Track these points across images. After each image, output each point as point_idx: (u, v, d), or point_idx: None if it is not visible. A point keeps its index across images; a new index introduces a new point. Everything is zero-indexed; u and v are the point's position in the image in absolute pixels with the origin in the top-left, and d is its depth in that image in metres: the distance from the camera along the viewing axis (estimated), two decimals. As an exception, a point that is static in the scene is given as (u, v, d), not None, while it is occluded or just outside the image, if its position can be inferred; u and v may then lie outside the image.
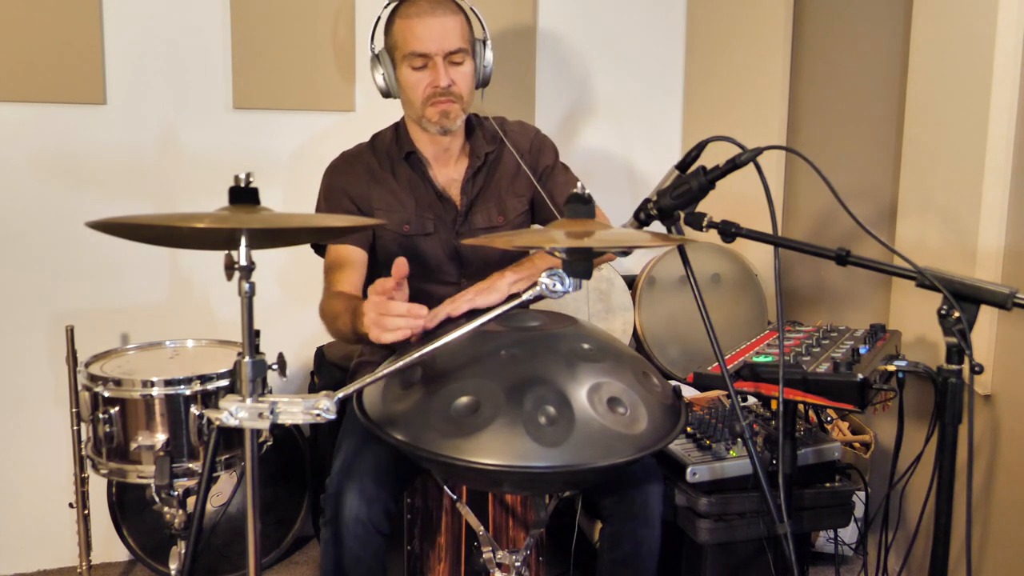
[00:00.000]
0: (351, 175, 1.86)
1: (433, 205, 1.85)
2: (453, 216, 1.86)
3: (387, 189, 1.84)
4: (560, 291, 1.16)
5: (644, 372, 1.40)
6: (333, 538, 1.54)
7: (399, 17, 1.75)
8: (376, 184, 1.85)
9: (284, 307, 2.56)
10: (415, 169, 1.86)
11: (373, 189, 1.84)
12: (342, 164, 1.89)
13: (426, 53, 1.72)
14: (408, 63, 1.74)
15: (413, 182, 1.85)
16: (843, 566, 2.35)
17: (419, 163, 1.86)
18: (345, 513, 1.52)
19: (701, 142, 1.43)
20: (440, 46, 1.72)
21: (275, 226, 1.14)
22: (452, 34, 1.73)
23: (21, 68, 2.26)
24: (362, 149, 1.91)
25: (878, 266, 1.34)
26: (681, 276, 2.53)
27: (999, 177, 1.84)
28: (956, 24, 1.96)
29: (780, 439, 1.48)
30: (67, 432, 2.22)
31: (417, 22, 1.72)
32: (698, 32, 2.85)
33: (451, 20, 1.73)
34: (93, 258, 2.39)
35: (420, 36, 1.71)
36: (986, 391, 1.90)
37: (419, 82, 1.75)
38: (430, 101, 1.75)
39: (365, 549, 1.53)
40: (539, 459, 1.20)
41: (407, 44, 1.73)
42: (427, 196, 1.85)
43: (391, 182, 1.85)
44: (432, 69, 1.73)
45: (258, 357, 1.12)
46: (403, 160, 1.85)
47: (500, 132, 1.90)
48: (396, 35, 1.76)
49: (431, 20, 1.71)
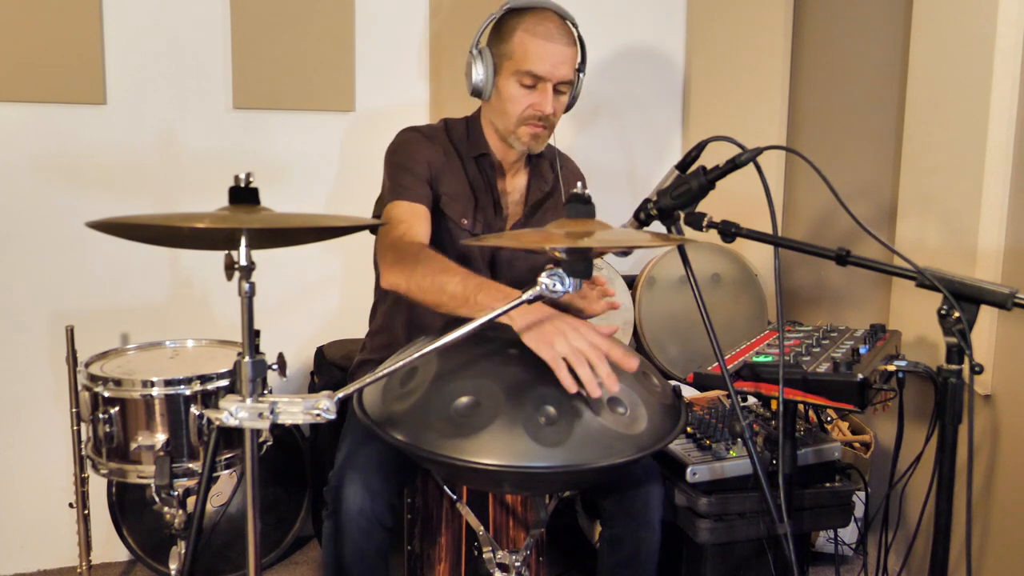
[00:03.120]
0: (432, 148, 1.81)
1: (487, 210, 1.83)
2: (501, 227, 1.85)
3: (458, 178, 1.81)
4: (560, 291, 1.16)
5: (644, 372, 1.40)
6: (335, 531, 1.53)
7: (523, 29, 1.70)
8: (449, 169, 1.81)
9: (284, 307, 2.56)
10: (483, 172, 1.83)
11: (445, 172, 1.81)
12: (418, 137, 1.82)
13: (543, 77, 1.70)
14: (518, 78, 1.71)
15: (477, 182, 1.83)
16: (843, 566, 2.35)
17: (489, 167, 1.83)
18: (349, 505, 1.51)
19: (701, 142, 1.43)
20: (555, 74, 1.70)
21: (275, 226, 1.14)
22: (569, 65, 1.72)
23: (21, 68, 2.26)
24: (436, 131, 1.86)
25: (878, 266, 1.34)
26: (681, 276, 2.53)
27: (999, 177, 1.84)
28: (956, 24, 1.96)
29: (780, 439, 1.48)
30: (67, 432, 2.22)
31: (544, 44, 1.69)
32: (698, 32, 2.85)
33: (571, 51, 1.72)
34: (93, 258, 2.39)
35: (543, 58, 1.69)
36: (986, 391, 1.90)
37: (523, 100, 1.73)
38: (527, 121, 1.74)
39: (369, 542, 1.52)
40: (539, 459, 1.20)
41: (526, 60, 1.69)
42: (486, 200, 1.83)
43: (462, 173, 1.82)
44: (541, 92, 1.71)
45: (258, 357, 1.12)
46: (473, 159, 1.83)
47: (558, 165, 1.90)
48: (515, 46, 1.71)
49: (557, 47, 1.69)
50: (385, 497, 1.54)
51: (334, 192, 2.58)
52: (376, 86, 2.58)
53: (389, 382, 1.35)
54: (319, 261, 2.61)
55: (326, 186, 2.58)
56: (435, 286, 1.48)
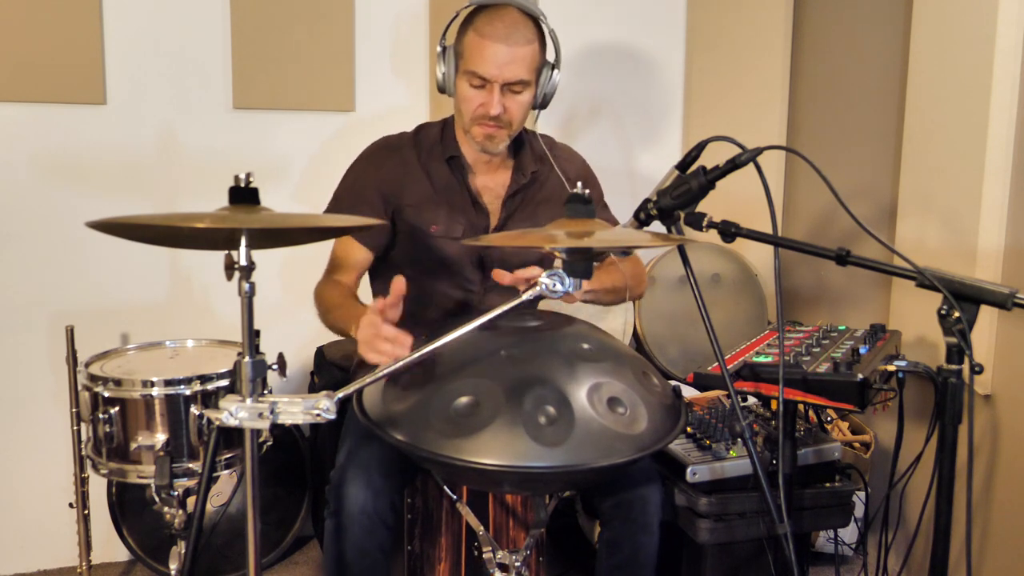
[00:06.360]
0: (387, 167, 1.81)
1: (466, 211, 1.82)
2: (485, 225, 1.83)
3: (421, 186, 1.81)
4: (560, 291, 1.17)
5: (644, 372, 1.40)
6: (337, 529, 1.53)
7: (473, 29, 1.68)
8: (410, 179, 1.81)
9: (284, 307, 2.56)
10: (455, 173, 1.82)
11: (407, 184, 1.80)
12: (380, 153, 1.84)
13: (486, 78, 1.68)
14: (468, 79, 1.70)
15: (450, 185, 1.82)
16: (843, 566, 2.35)
17: (460, 168, 1.82)
18: (351, 504, 1.51)
19: (701, 142, 1.43)
20: (501, 75, 1.67)
21: (275, 226, 1.14)
22: (518, 65, 1.68)
23: (21, 68, 2.26)
24: (404, 141, 1.86)
25: (878, 266, 1.34)
26: (681, 276, 2.53)
27: (999, 177, 1.84)
28: (956, 24, 1.96)
29: (780, 439, 1.48)
30: (67, 432, 2.22)
31: (487, 44, 1.66)
32: (698, 32, 2.85)
33: (522, 51, 1.68)
34: (93, 258, 2.39)
35: (485, 59, 1.66)
36: (986, 391, 1.90)
37: (473, 99, 1.71)
38: (478, 121, 1.72)
39: (370, 541, 1.52)
40: (539, 459, 1.19)
41: (471, 61, 1.68)
42: (462, 201, 1.82)
43: (426, 180, 1.81)
44: (488, 92, 1.69)
45: (258, 357, 1.12)
46: (444, 162, 1.82)
47: (549, 155, 1.88)
48: (465, 45, 1.70)
49: (500, 48, 1.66)
50: (387, 495, 1.54)
51: (334, 192, 2.57)
52: (376, 86, 2.58)
53: (389, 382, 1.35)
54: (319, 261, 2.60)
55: (326, 186, 2.57)
56: (329, 323, 1.73)
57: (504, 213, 1.85)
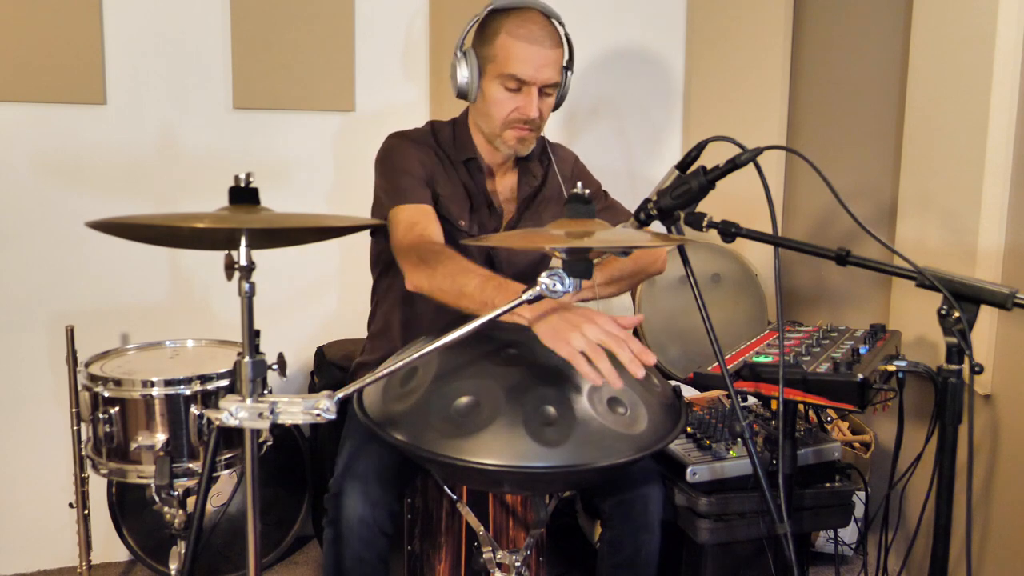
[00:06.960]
0: (424, 152, 1.79)
1: (480, 211, 1.82)
2: (496, 226, 1.84)
3: (450, 180, 1.80)
4: (560, 291, 1.17)
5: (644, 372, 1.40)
6: (336, 539, 1.53)
7: (506, 32, 1.67)
8: (439, 172, 1.80)
9: (284, 307, 2.56)
10: (472, 175, 1.82)
11: (437, 175, 1.79)
12: (406, 143, 1.80)
13: (527, 81, 1.68)
14: (502, 82, 1.69)
15: (468, 185, 1.81)
16: (843, 566, 2.35)
17: (478, 170, 1.82)
18: (349, 514, 1.52)
19: (701, 142, 1.43)
20: (539, 77, 1.68)
21: (275, 226, 1.14)
22: (553, 68, 1.70)
23: (21, 68, 2.26)
24: (426, 134, 1.85)
25: (878, 266, 1.34)
26: (681, 276, 2.53)
27: (999, 177, 1.84)
28: (956, 24, 1.96)
29: (780, 439, 1.48)
30: (67, 432, 2.22)
31: (526, 47, 1.66)
32: (698, 32, 2.85)
33: (555, 53, 1.69)
34: (93, 258, 2.39)
35: (526, 62, 1.66)
36: (986, 391, 1.90)
37: (507, 103, 1.71)
38: (512, 125, 1.72)
39: (369, 550, 1.52)
40: (539, 459, 1.20)
41: (508, 64, 1.67)
42: (478, 201, 1.82)
43: (453, 175, 1.81)
44: (525, 96, 1.69)
45: (258, 357, 1.12)
46: (462, 163, 1.81)
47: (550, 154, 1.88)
48: (498, 49, 1.69)
49: (540, 50, 1.67)
50: (385, 505, 1.54)
51: (334, 192, 2.58)
52: (376, 86, 2.58)
53: (389, 382, 1.36)
54: (319, 261, 2.60)
55: (326, 186, 2.58)
56: (455, 288, 1.47)
57: (517, 215, 1.86)
